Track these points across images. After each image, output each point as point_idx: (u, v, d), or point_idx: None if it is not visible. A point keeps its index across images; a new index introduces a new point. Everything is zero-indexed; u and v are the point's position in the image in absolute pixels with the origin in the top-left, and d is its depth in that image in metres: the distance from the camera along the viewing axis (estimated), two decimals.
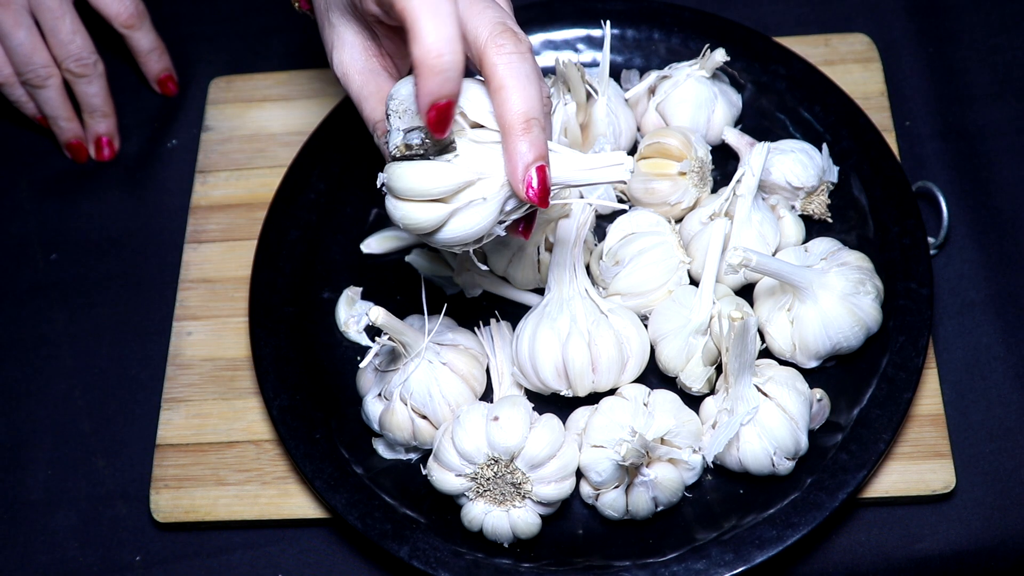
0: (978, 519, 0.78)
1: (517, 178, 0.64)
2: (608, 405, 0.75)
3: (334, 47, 0.71)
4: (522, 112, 0.63)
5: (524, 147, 0.63)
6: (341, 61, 0.71)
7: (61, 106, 0.97)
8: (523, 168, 0.63)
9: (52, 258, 0.94)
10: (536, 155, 0.63)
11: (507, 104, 0.63)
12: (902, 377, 0.78)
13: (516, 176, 0.64)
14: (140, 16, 0.97)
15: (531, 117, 0.63)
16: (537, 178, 0.63)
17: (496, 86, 0.63)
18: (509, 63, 0.63)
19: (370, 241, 0.89)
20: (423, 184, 0.64)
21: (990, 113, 0.94)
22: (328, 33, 0.72)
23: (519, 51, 0.64)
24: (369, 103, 0.70)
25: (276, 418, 0.80)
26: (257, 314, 0.84)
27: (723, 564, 0.73)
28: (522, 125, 0.63)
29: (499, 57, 0.63)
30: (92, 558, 0.82)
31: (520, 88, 0.63)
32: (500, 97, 0.63)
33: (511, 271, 0.84)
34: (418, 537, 0.75)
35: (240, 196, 0.94)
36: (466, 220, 0.65)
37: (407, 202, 0.65)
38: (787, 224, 0.84)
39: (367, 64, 0.70)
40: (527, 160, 0.63)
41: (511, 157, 0.64)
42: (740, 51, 0.91)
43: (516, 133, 0.63)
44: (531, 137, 0.63)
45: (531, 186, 0.63)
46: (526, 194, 0.64)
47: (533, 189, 0.63)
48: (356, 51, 0.70)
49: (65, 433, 0.86)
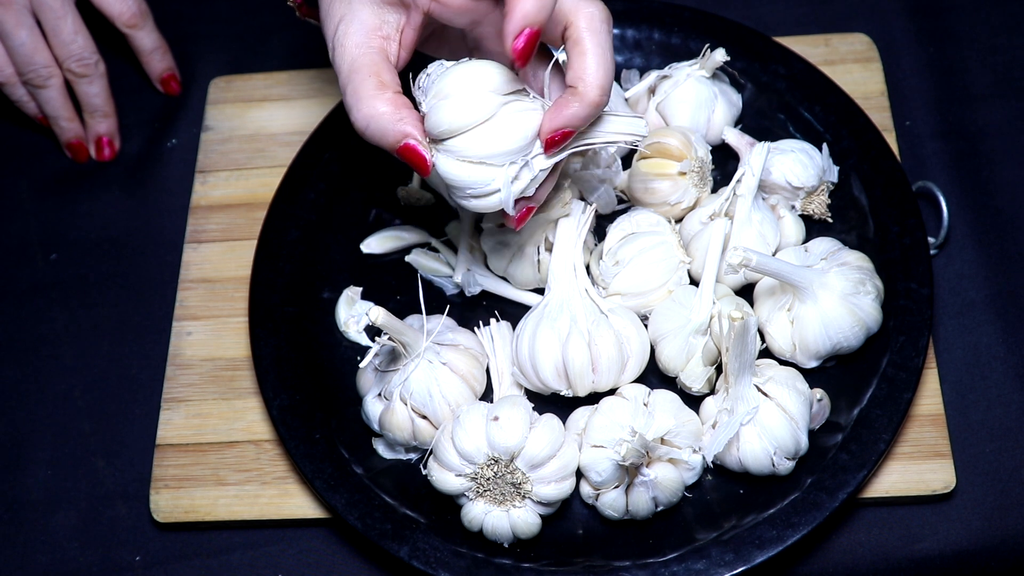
0: (978, 519, 0.78)
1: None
2: (608, 405, 0.75)
3: (342, 20, 0.70)
4: (600, 85, 0.67)
5: (584, 114, 0.67)
6: (345, 33, 0.70)
7: (62, 106, 0.97)
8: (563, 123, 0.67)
9: (52, 258, 0.94)
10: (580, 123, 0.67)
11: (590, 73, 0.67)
12: (902, 377, 0.78)
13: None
14: (143, 15, 0.97)
15: (606, 92, 0.67)
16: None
17: (580, 50, 0.67)
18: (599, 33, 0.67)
19: (370, 241, 0.89)
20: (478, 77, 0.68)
21: (990, 113, 0.94)
22: (338, 6, 0.71)
23: (607, 21, 0.68)
24: (360, 74, 0.69)
25: (276, 418, 0.80)
26: (257, 314, 0.84)
27: (723, 564, 0.73)
28: (597, 98, 0.67)
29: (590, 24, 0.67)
30: (92, 558, 0.82)
31: (605, 61, 0.67)
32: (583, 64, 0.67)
33: (511, 271, 0.84)
34: (418, 537, 0.75)
35: (240, 196, 0.94)
36: (513, 121, 0.68)
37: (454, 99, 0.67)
38: (787, 224, 0.84)
39: (368, 42, 0.70)
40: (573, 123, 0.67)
41: (563, 110, 0.67)
42: (740, 51, 0.91)
43: (587, 102, 0.67)
44: (594, 111, 0.67)
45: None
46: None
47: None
48: (364, 28, 0.70)
49: (65, 433, 0.86)
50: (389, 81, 0.69)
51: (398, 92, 0.68)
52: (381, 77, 0.68)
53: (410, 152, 0.68)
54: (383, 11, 0.70)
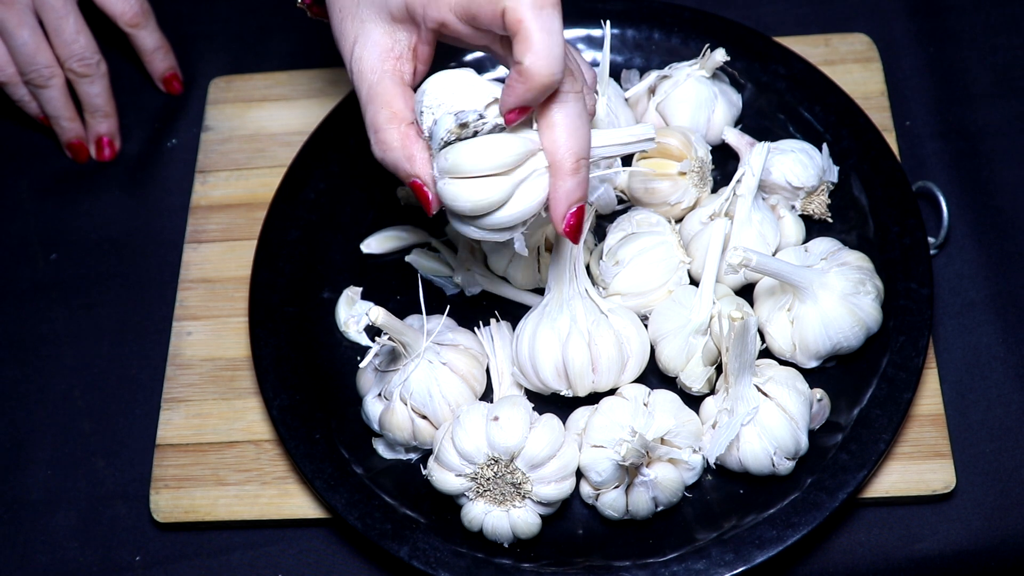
0: (978, 519, 0.78)
1: (560, 214, 0.67)
2: (608, 405, 0.75)
3: (356, 41, 0.71)
4: (573, 152, 0.66)
5: (571, 185, 0.67)
6: (361, 57, 0.70)
7: (64, 106, 0.97)
8: (567, 205, 0.67)
9: (52, 258, 0.94)
10: (581, 195, 0.67)
11: (558, 142, 0.66)
12: (902, 377, 0.78)
13: (559, 212, 0.67)
14: (145, 15, 0.97)
15: (581, 157, 0.67)
16: (576, 216, 0.67)
17: (549, 123, 0.66)
18: (564, 102, 0.66)
19: (370, 241, 0.89)
20: (492, 156, 0.66)
21: (990, 113, 0.94)
22: (351, 25, 0.71)
23: (574, 90, 0.67)
24: (374, 105, 0.70)
25: (276, 418, 0.80)
26: (257, 314, 0.84)
27: (723, 564, 0.73)
28: (572, 166, 0.67)
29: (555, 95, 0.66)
30: (92, 558, 0.82)
31: (573, 128, 0.66)
32: (552, 134, 0.66)
33: (511, 271, 0.84)
34: (418, 537, 0.75)
35: (240, 196, 0.94)
36: (531, 191, 0.67)
37: (469, 181, 0.66)
38: (787, 224, 0.84)
39: (382, 65, 0.70)
40: (573, 199, 0.67)
41: (558, 193, 0.67)
42: (740, 51, 0.91)
43: (566, 172, 0.67)
44: (579, 178, 0.67)
45: (570, 223, 0.68)
46: (563, 229, 0.68)
47: (571, 225, 0.68)
48: (377, 51, 0.70)
49: (65, 433, 0.86)
50: (401, 110, 0.69)
51: (410, 124, 0.69)
52: (393, 107, 0.69)
53: (417, 190, 0.69)
54: (394, 30, 0.70)
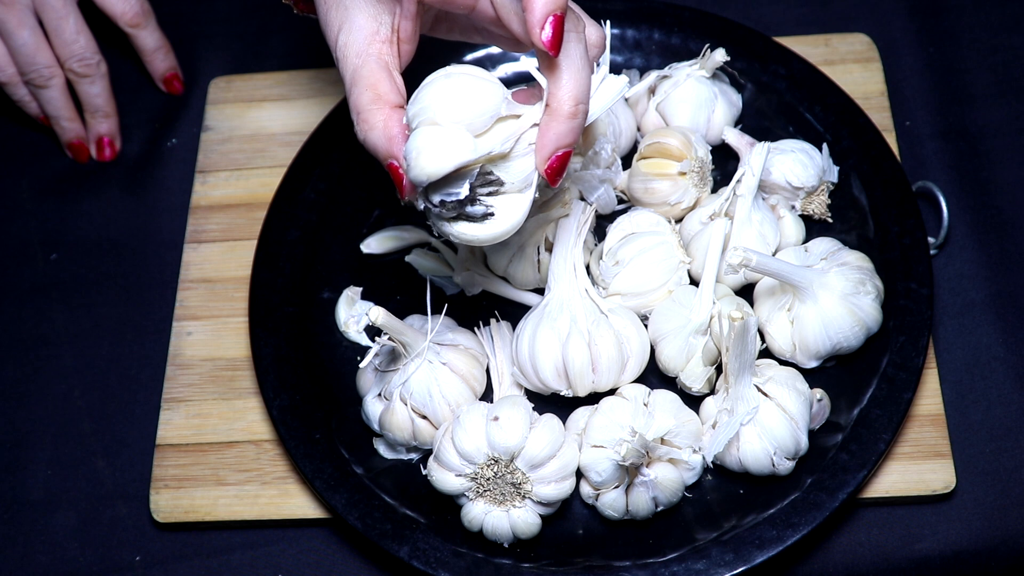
0: (978, 519, 0.78)
1: (545, 154, 0.67)
2: (608, 405, 0.75)
3: (341, 28, 0.70)
4: (573, 96, 0.66)
5: (565, 129, 0.66)
6: (346, 43, 0.70)
7: (64, 106, 0.97)
8: (554, 147, 0.66)
9: (52, 258, 0.94)
10: (571, 141, 0.67)
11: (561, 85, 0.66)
12: (902, 377, 0.78)
13: (545, 152, 0.67)
14: (145, 15, 0.97)
15: (580, 102, 0.66)
16: (561, 160, 0.67)
17: (550, 63, 0.66)
18: (566, 43, 0.65)
19: (370, 241, 0.89)
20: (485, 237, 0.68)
21: (990, 113, 0.94)
22: (336, 15, 0.71)
23: (576, 30, 0.66)
24: (358, 87, 0.69)
25: (276, 418, 0.80)
26: (257, 314, 0.84)
27: (723, 564, 0.73)
28: (571, 109, 0.66)
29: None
30: (92, 558, 0.82)
31: (575, 71, 0.66)
32: (555, 76, 0.66)
33: (511, 271, 0.84)
34: (418, 537, 0.75)
35: (240, 196, 0.94)
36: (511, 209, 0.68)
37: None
38: (787, 224, 0.84)
39: (368, 49, 0.70)
40: (563, 143, 0.66)
41: (549, 134, 0.66)
42: (740, 51, 0.91)
43: (563, 116, 0.66)
44: (575, 123, 0.66)
45: (552, 166, 0.67)
46: (546, 171, 0.67)
47: (553, 168, 0.67)
48: (361, 35, 0.70)
49: (65, 433, 0.86)
50: (385, 92, 0.68)
51: (394, 107, 0.68)
52: (378, 90, 0.68)
53: (393, 171, 0.69)
54: (378, 11, 0.70)
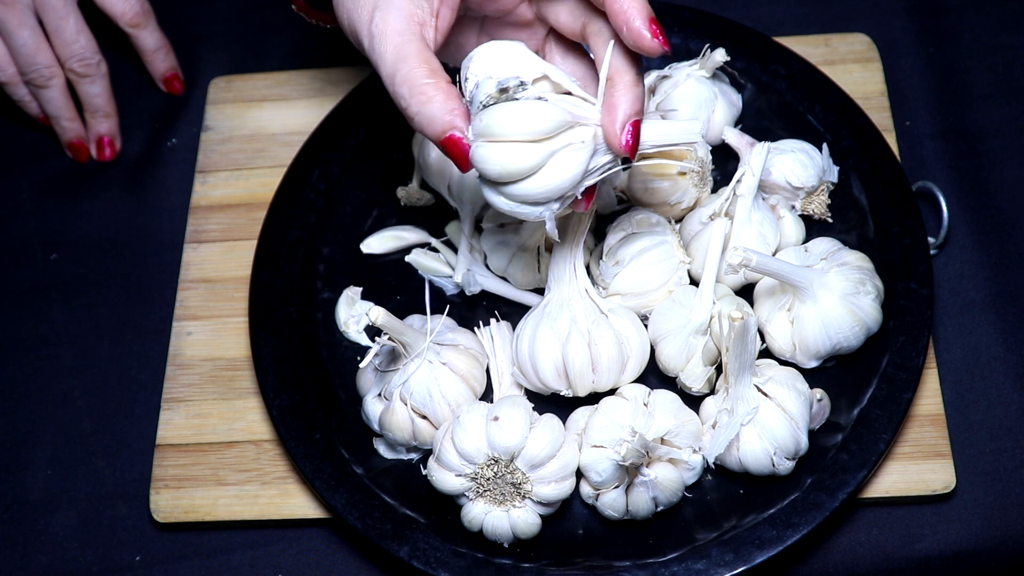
0: (978, 519, 0.78)
1: (616, 126, 0.65)
2: (608, 405, 0.75)
3: (377, 7, 0.69)
4: (638, 64, 0.66)
5: (631, 98, 0.65)
6: (384, 20, 0.69)
7: (64, 106, 0.97)
8: (625, 118, 0.65)
9: (52, 258, 0.94)
10: (640, 108, 0.65)
11: (627, 53, 0.65)
12: (902, 377, 0.78)
13: (616, 124, 0.65)
14: (146, 15, 0.97)
15: (641, 71, 0.66)
16: (634, 130, 0.65)
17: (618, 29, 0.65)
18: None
19: (370, 241, 0.89)
20: (527, 121, 0.64)
21: (990, 113, 0.94)
22: None
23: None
24: (409, 63, 0.67)
25: (276, 418, 0.80)
26: (257, 314, 0.84)
27: (723, 564, 0.73)
28: (636, 76, 0.65)
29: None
30: (92, 558, 0.82)
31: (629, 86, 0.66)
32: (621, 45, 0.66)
33: (511, 271, 0.84)
34: (418, 537, 0.75)
35: (240, 196, 0.94)
36: (563, 163, 0.66)
37: (502, 145, 0.65)
38: (787, 224, 0.84)
39: (409, 28, 0.69)
40: (633, 110, 0.65)
41: (616, 104, 0.65)
42: (740, 51, 0.91)
43: (629, 84, 0.65)
44: (640, 91, 0.65)
45: (629, 136, 0.65)
46: (623, 142, 0.65)
47: (629, 138, 0.65)
48: (401, 14, 0.69)
49: (65, 433, 0.86)
50: (439, 68, 0.68)
51: (449, 82, 0.67)
52: (431, 64, 0.67)
53: (453, 145, 0.67)
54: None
